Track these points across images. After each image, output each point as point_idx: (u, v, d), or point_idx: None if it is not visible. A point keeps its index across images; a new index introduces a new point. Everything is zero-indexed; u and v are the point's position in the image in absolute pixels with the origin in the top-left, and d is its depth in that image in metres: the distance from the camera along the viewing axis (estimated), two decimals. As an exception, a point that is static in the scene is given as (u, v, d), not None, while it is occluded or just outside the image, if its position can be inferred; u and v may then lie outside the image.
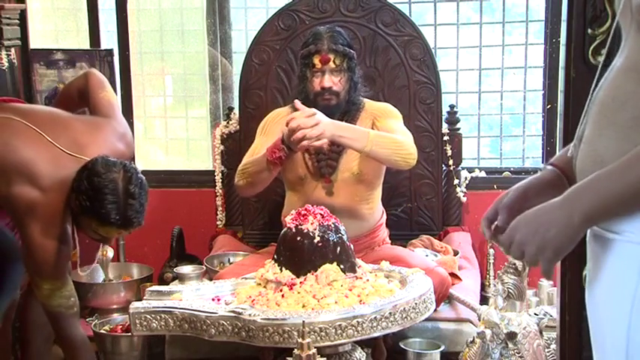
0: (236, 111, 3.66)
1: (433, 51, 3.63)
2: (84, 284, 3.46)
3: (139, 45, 4.04)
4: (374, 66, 3.48)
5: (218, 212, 3.74)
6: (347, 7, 3.48)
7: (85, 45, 3.88)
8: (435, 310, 2.54)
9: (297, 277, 2.40)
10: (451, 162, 3.53)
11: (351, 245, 2.53)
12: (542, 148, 3.77)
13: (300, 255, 2.42)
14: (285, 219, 2.56)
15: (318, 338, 2.14)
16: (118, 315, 3.34)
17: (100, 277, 3.57)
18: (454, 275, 3.00)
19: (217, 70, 3.98)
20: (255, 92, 3.56)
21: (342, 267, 2.43)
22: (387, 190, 3.21)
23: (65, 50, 3.79)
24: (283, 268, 2.44)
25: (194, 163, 4.13)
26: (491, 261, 3.51)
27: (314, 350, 1.97)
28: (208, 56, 3.98)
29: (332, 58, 2.86)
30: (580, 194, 1.20)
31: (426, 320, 2.49)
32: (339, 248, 2.45)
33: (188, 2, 4.07)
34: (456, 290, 2.90)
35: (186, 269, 3.13)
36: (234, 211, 3.69)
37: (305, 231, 2.43)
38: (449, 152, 3.51)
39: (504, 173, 3.75)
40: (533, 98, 3.84)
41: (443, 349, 2.76)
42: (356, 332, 2.20)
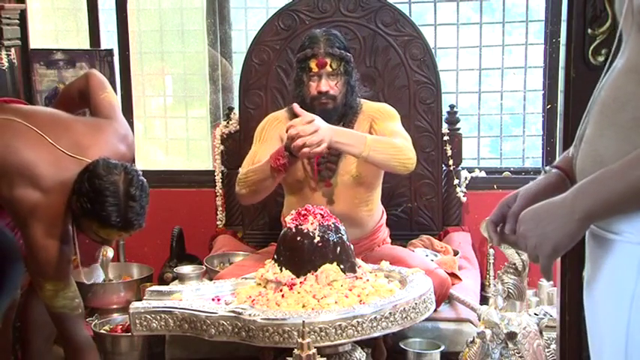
0: (236, 111, 3.66)
1: (433, 51, 3.63)
2: (84, 284, 3.46)
3: (139, 45, 4.04)
4: (374, 66, 3.48)
5: (218, 212, 3.74)
6: (347, 7, 3.48)
7: (85, 45, 3.88)
8: (435, 310, 2.54)
9: (297, 277, 2.40)
10: (451, 162, 3.53)
11: (351, 245, 2.53)
12: (542, 148, 3.77)
13: (300, 255, 2.42)
14: (285, 219, 2.56)
15: (318, 338, 2.14)
16: (118, 315, 3.34)
17: (100, 277, 3.57)
18: (454, 275, 3.00)
19: (217, 70, 3.98)
20: (255, 92, 3.56)
21: (342, 267, 2.43)
22: (387, 190, 3.21)
23: (65, 50, 3.79)
24: (283, 268, 2.44)
25: (194, 163, 4.13)
26: (491, 261, 3.51)
27: (314, 350, 1.97)
28: (208, 56, 3.98)
29: (329, 62, 2.84)
30: (582, 192, 1.20)
31: (426, 320, 2.49)
32: (339, 248, 2.45)
33: (188, 2, 4.07)
34: (456, 290, 2.90)
35: (186, 269, 3.13)
36: (234, 211, 3.69)
37: (305, 231, 2.43)
38: (449, 152, 3.51)
39: (504, 173, 3.76)
40: (533, 98, 3.84)
41: (443, 349, 2.76)
42: (356, 332, 2.20)
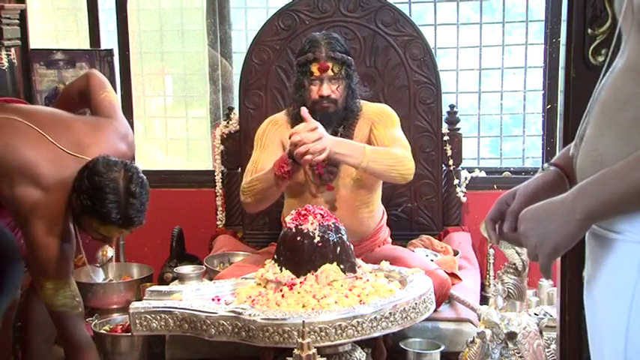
0: (236, 111, 3.66)
1: (433, 51, 3.63)
2: (84, 284, 3.46)
3: (139, 45, 4.04)
4: (374, 66, 3.48)
5: (218, 212, 3.74)
6: (347, 7, 3.48)
7: (85, 45, 3.88)
8: (435, 310, 2.54)
9: (297, 277, 2.40)
10: (451, 162, 3.53)
11: (351, 245, 2.54)
12: (542, 148, 3.77)
13: (300, 255, 2.42)
14: (285, 219, 2.56)
15: (318, 338, 2.15)
16: (118, 315, 3.34)
17: (100, 277, 3.57)
18: (454, 275, 3.00)
19: (217, 70, 3.98)
20: (255, 92, 3.56)
21: (342, 267, 2.43)
22: (387, 190, 3.22)
23: (65, 50, 3.79)
24: (283, 268, 2.44)
25: (194, 163, 4.13)
26: (491, 261, 3.51)
27: (314, 350, 1.97)
28: (208, 56, 3.98)
29: (330, 66, 2.82)
30: (583, 192, 1.20)
31: (426, 320, 2.49)
32: (339, 248, 2.45)
33: (188, 2, 4.07)
34: (456, 290, 2.90)
35: (186, 269, 3.13)
36: (234, 211, 3.69)
37: (305, 231, 2.43)
38: (449, 152, 3.51)
39: (504, 173, 3.75)
40: (533, 98, 3.84)
41: (443, 349, 2.76)
42: (356, 332, 2.20)
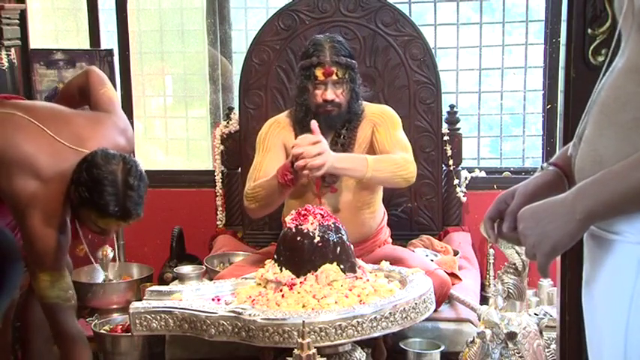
0: (236, 111, 3.66)
1: (433, 51, 3.63)
2: (84, 284, 3.46)
3: (139, 45, 4.04)
4: (374, 66, 3.48)
5: (218, 212, 3.74)
6: (347, 7, 3.48)
7: (85, 45, 3.88)
8: (435, 310, 2.54)
9: (297, 277, 2.40)
10: (451, 162, 3.52)
11: (351, 245, 2.54)
12: (542, 148, 3.77)
13: (300, 255, 2.42)
14: (285, 219, 2.56)
15: (318, 338, 2.15)
16: (118, 315, 3.34)
17: (100, 277, 3.57)
18: (454, 275, 3.00)
19: (217, 70, 3.98)
20: (255, 92, 3.56)
21: (342, 267, 2.43)
22: (387, 190, 3.21)
23: (65, 50, 3.79)
24: (283, 268, 2.44)
25: (194, 163, 4.13)
26: (491, 261, 3.51)
27: (314, 350, 1.97)
28: (208, 56, 3.98)
29: (335, 71, 2.82)
30: (583, 192, 1.20)
31: (426, 320, 2.49)
32: (339, 248, 2.45)
33: (188, 2, 4.07)
34: (456, 290, 2.90)
35: (186, 269, 3.14)
36: (234, 211, 3.69)
37: (305, 231, 2.43)
38: (449, 152, 3.51)
39: (504, 173, 3.75)
40: (533, 98, 3.84)
41: (443, 349, 2.76)
42: (356, 332, 2.20)
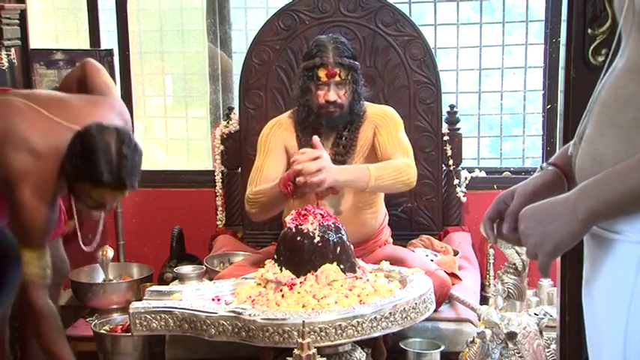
0: (236, 111, 3.66)
1: (433, 51, 3.63)
2: (84, 284, 3.47)
3: (139, 45, 4.04)
4: (374, 66, 3.48)
5: (218, 212, 3.74)
6: (347, 7, 3.48)
7: (85, 45, 3.88)
8: (435, 310, 2.54)
9: (297, 277, 2.40)
10: (451, 162, 3.52)
11: (351, 245, 2.54)
12: (542, 148, 3.77)
13: (300, 255, 2.42)
14: (285, 219, 2.56)
15: (318, 338, 2.15)
16: (118, 315, 3.35)
17: (100, 277, 3.57)
18: (454, 275, 3.00)
19: (217, 68, 3.97)
20: (255, 92, 3.56)
21: (342, 267, 2.43)
22: (388, 190, 3.22)
23: (65, 50, 3.78)
24: (283, 268, 2.44)
25: (194, 163, 4.12)
26: (491, 261, 3.51)
27: (314, 350, 1.97)
28: (208, 54, 3.97)
29: (338, 72, 2.82)
30: (586, 192, 1.20)
31: (426, 320, 2.49)
32: (339, 248, 2.45)
33: (188, 2, 4.06)
34: (456, 290, 2.90)
35: (186, 269, 3.14)
36: (234, 211, 3.69)
37: (305, 231, 2.43)
38: (449, 152, 3.51)
39: (504, 173, 3.75)
40: (533, 98, 3.84)
41: (443, 349, 2.76)
42: (356, 332, 2.20)
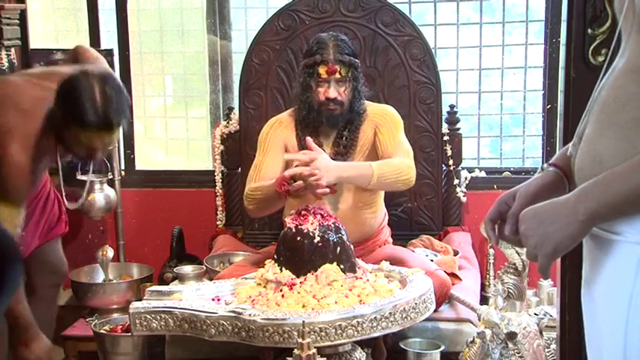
0: (236, 111, 3.66)
1: (433, 51, 3.63)
2: (84, 284, 3.47)
3: (139, 45, 4.04)
4: (374, 66, 3.48)
5: (218, 212, 3.74)
6: (347, 7, 3.48)
7: (85, 45, 3.88)
8: (435, 310, 2.54)
9: (297, 277, 2.40)
10: (451, 162, 3.52)
11: (351, 245, 2.54)
12: (542, 148, 3.77)
13: (300, 255, 2.42)
14: (285, 219, 2.56)
15: (318, 338, 2.15)
16: (118, 315, 3.34)
17: (100, 277, 3.57)
18: (454, 275, 3.00)
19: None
20: (255, 92, 3.56)
21: (342, 267, 2.43)
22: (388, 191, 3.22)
23: (65, 50, 3.77)
24: (283, 268, 2.44)
25: (194, 163, 4.12)
26: (491, 261, 3.51)
27: (314, 350, 1.97)
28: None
29: (338, 69, 2.84)
30: (586, 193, 1.20)
31: (426, 320, 2.49)
32: (339, 248, 2.45)
33: (188, 2, 4.06)
34: (456, 290, 2.90)
35: (186, 269, 3.14)
36: (234, 211, 3.69)
37: (305, 231, 2.43)
38: (449, 152, 3.51)
39: (504, 173, 3.75)
40: (533, 98, 3.84)
41: (443, 349, 2.76)
42: (356, 332, 2.20)
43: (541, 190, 1.40)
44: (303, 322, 2.00)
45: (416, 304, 2.34)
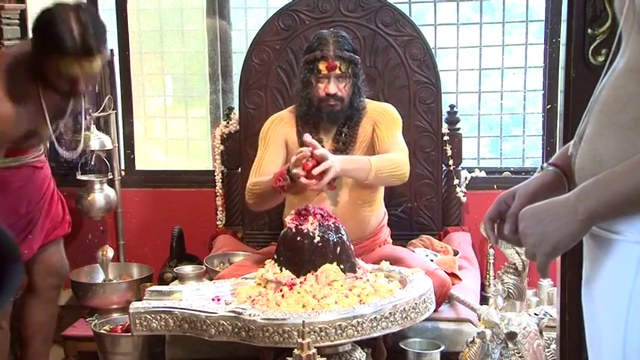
0: (236, 111, 3.66)
1: (433, 51, 3.63)
2: (84, 284, 3.47)
3: (139, 45, 4.04)
4: (374, 66, 3.48)
5: (218, 212, 3.74)
6: (347, 7, 3.48)
7: None
8: (435, 310, 2.54)
9: (297, 277, 2.40)
10: (451, 162, 3.52)
11: (351, 245, 2.54)
12: (542, 148, 3.77)
13: (300, 255, 2.42)
14: (285, 219, 2.56)
15: (318, 338, 2.15)
16: (118, 315, 3.34)
17: (100, 277, 3.57)
18: (454, 275, 3.00)
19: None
20: (255, 92, 3.56)
21: (342, 267, 2.43)
22: (387, 190, 3.21)
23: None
24: (283, 268, 2.44)
25: (194, 163, 4.12)
26: (491, 261, 3.51)
27: (314, 350, 1.97)
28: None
29: (338, 65, 2.85)
30: (586, 193, 1.20)
31: (426, 320, 2.49)
32: (339, 248, 2.45)
33: (188, 2, 4.06)
34: (456, 290, 2.90)
35: (186, 269, 3.14)
36: (234, 211, 3.69)
37: (305, 231, 2.43)
38: (449, 152, 3.51)
39: (504, 173, 3.75)
40: (533, 98, 3.84)
41: (443, 349, 2.76)
42: (356, 332, 2.20)
43: (540, 189, 1.40)
44: (303, 322, 1.99)
45: (416, 304, 2.34)
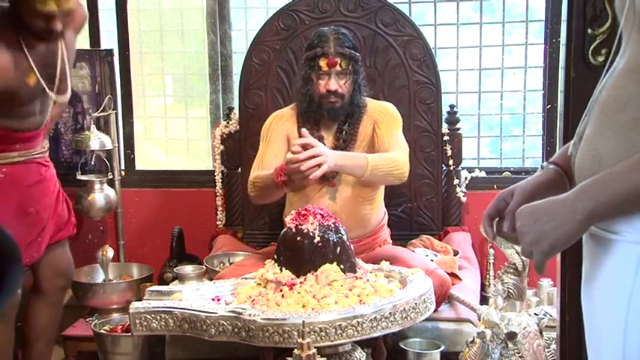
0: (236, 111, 3.66)
1: (433, 51, 3.63)
2: (84, 284, 3.47)
3: (139, 45, 4.04)
4: (374, 66, 3.48)
5: (218, 212, 3.74)
6: (347, 7, 3.48)
7: (85, 45, 3.88)
8: (435, 310, 2.54)
9: (297, 277, 2.40)
10: (451, 162, 3.52)
11: (351, 245, 2.54)
12: (542, 148, 3.77)
13: (300, 255, 2.42)
14: (285, 219, 2.56)
15: (318, 338, 2.15)
16: (118, 315, 3.34)
17: (100, 277, 3.57)
18: (454, 275, 3.00)
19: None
20: (255, 92, 3.56)
21: (342, 267, 2.43)
22: (388, 190, 3.22)
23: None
24: (283, 268, 2.44)
25: (194, 163, 4.12)
26: (491, 261, 3.51)
27: (314, 350, 1.97)
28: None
29: (338, 62, 2.87)
30: (584, 192, 1.20)
31: (426, 320, 2.49)
32: (339, 248, 2.45)
33: (188, 2, 4.06)
34: (456, 290, 2.90)
35: (186, 269, 3.14)
36: (234, 211, 3.69)
37: (305, 231, 2.43)
38: (449, 152, 3.51)
39: (504, 173, 3.76)
40: (533, 98, 3.84)
41: (443, 349, 2.76)
42: (356, 332, 2.20)
43: (539, 187, 1.40)
44: (303, 322, 1.99)
45: (416, 304, 2.34)
